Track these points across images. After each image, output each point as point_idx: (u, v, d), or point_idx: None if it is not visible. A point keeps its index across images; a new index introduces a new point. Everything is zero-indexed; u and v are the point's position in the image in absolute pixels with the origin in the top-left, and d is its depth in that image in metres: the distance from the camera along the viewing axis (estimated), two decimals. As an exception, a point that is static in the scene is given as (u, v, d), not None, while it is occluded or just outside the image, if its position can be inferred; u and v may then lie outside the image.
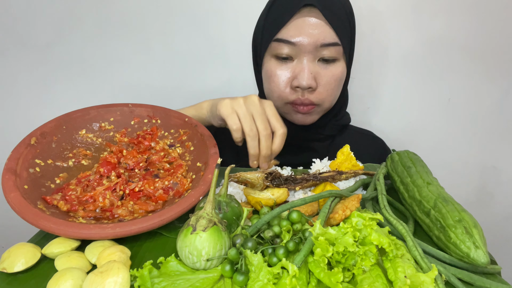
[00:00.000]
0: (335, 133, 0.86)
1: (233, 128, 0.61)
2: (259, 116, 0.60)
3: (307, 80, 0.70)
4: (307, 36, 0.69)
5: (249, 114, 0.60)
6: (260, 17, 0.78)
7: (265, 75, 0.77)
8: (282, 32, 0.70)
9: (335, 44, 0.70)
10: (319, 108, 0.77)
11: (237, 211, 0.48)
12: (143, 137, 0.66)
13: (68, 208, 0.51)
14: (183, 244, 0.41)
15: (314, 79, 0.71)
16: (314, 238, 0.40)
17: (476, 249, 0.42)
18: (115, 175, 0.58)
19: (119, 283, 0.37)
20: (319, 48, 0.70)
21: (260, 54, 0.78)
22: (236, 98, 0.63)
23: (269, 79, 0.75)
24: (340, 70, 0.74)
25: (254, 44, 0.80)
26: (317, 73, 0.72)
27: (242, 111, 0.61)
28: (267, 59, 0.75)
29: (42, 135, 0.58)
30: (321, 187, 0.60)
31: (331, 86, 0.74)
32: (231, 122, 0.61)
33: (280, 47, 0.71)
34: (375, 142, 0.94)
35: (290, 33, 0.70)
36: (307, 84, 0.70)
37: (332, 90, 0.75)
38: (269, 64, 0.75)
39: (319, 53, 0.71)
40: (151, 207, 0.52)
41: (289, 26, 0.70)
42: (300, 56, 0.71)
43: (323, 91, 0.73)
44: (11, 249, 0.44)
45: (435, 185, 0.53)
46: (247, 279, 0.39)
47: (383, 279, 0.39)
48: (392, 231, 0.47)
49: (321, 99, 0.74)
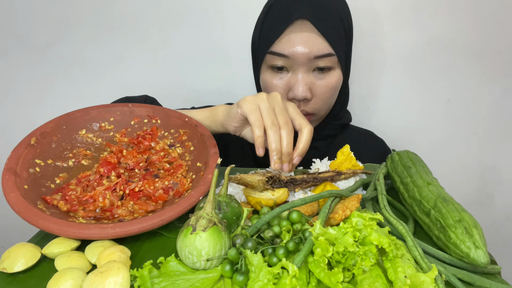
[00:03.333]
0: (336, 132, 0.86)
1: (256, 124, 0.57)
2: (281, 111, 0.58)
3: (302, 92, 0.71)
4: (300, 49, 0.69)
5: (271, 108, 0.57)
6: (256, 26, 0.79)
7: (262, 85, 0.78)
8: (275, 46, 0.71)
9: (329, 55, 0.70)
10: (315, 117, 0.78)
11: (237, 211, 0.48)
12: (143, 137, 0.66)
13: (68, 208, 0.51)
14: (183, 244, 0.41)
15: (309, 91, 0.72)
16: (314, 238, 0.40)
17: (476, 249, 0.42)
18: (115, 175, 0.58)
19: (119, 283, 0.37)
20: (312, 60, 0.70)
21: (257, 64, 0.78)
22: (259, 93, 0.60)
23: (266, 90, 0.76)
24: (336, 78, 0.74)
25: (252, 51, 0.81)
26: (312, 84, 0.72)
27: (265, 105, 0.57)
28: (264, 69, 0.76)
29: (42, 135, 0.58)
30: (321, 187, 0.60)
31: (326, 95, 0.74)
32: (253, 117, 0.57)
33: (275, 60, 0.72)
34: (375, 142, 0.94)
35: (283, 46, 0.70)
36: (302, 96, 0.71)
37: (328, 99, 0.75)
38: (265, 74, 0.76)
39: (313, 64, 0.71)
40: (151, 207, 0.52)
41: (282, 39, 0.70)
42: (294, 68, 0.71)
43: (318, 101, 0.74)
44: (11, 249, 0.44)
45: (435, 185, 0.53)
46: (247, 279, 0.39)
47: (383, 279, 0.39)
48: (392, 231, 0.47)
49: (316, 109, 0.75)
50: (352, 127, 0.93)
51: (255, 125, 0.57)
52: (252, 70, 0.83)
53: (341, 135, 0.88)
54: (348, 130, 0.90)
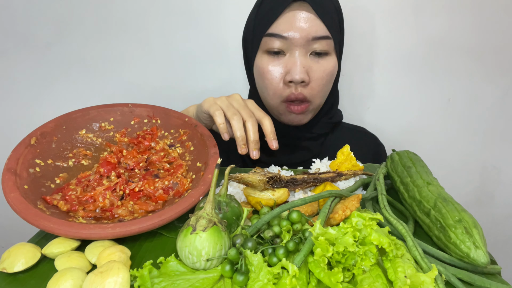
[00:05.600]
0: (327, 131, 0.85)
1: (216, 113, 0.63)
2: (242, 107, 0.64)
3: (300, 73, 0.70)
4: (298, 30, 0.69)
5: (230, 104, 0.64)
6: (250, 15, 0.79)
7: (258, 73, 0.77)
8: (273, 27, 0.71)
9: (326, 37, 0.71)
10: (312, 106, 0.77)
11: (237, 211, 0.48)
12: (143, 137, 0.66)
13: (68, 208, 0.51)
14: (183, 244, 0.41)
15: (306, 73, 0.71)
16: (314, 238, 0.40)
17: (476, 249, 0.42)
18: (115, 175, 0.58)
19: (119, 283, 0.37)
20: (310, 41, 0.70)
21: (251, 51, 0.78)
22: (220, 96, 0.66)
23: (262, 76, 0.75)
24: (332, 64, 0.74)
25: (244, 42, 0.80)
26: (309, 67, 0.72)
27: (224, 102, 0.65)
28: (259, 56, 0.75)
29: (42, 135, 0.58)
30: (321, 187, 0.60)
31: (323, 81, 0.74)
32: (213, 109, 0.64)
33: (272, 42, 0.72)
34: (367, 138, 0.94)
35: (281, 27, 0.70)
36: (300, 78, 0.70)
37: (324, 85, 0.75)
38: (261, 60, 0.75)
39: (310, 47, 0.71)
40: (151, 207, 0.52)
41: (280, 20, 0.70)
42: (292, 50, 0.71)
43: (316, 86, 0.73)
44: (11, 249, 0.44)
45: (435, 185, 0.53)
46: (247, 279, 0.39)
47: (383, 279, 0.39)
48: (392, 231, 0.47)
49: (313, 94, 0.74)
50: (344, 124, 0.92)
51: (215, 115, 0.63)
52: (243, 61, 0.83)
53: (333, 133, 0.87)
54: (340, 127, 0.89)
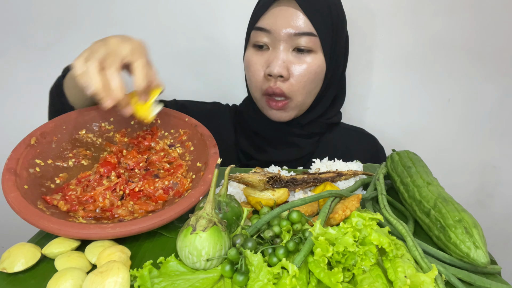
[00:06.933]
0: (323, 131, 0.85)
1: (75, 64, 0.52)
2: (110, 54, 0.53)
3: (278, 67, 0.71)
4: (282, 24, 0.70)
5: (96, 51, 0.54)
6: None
7: (245, 64, 0.79)
8: (260, 21, 0.73)
9: (310, 34, 0.71)
10: (292, 103, 0.76)
11: (237, 211, 0.48)
12: (143, 137, 0.66)
13: (68, 208, 0.51)
14: (183, 244, 0.41)
15: (286, 69, 0.72)
16: (314, 238, 0.40)
17: (476, 249, 0.42)
18: (115, 175, 0.58)
19: (119, 283, 0.37)
20: (293, 37, 0.70)
21: (244, 45, 0.79)
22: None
23: (247, 68, 0.77)
24: (316, 63, 0.73)
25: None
26: (290, 63, 0.72)
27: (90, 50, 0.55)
28: (248, 49, 0.77)
29: (42, 135, 0.58)
30: (321, 187, 0.60)
31: (303, 78, 0.73)
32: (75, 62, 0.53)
33: (258, 36, 0.73)
34: (366, 139, 0.92)
35: (267, 22, 0.72)
36: (277, 72, 0.71)
37: (305, 83, 0.74)
38: (248, 52, 0.77)
39: (294, 42, 0.71)
40: (151, 207, 0.52)
41: (267, 15, 0.72)
42: (275, 45, 0.72)
43: (295, 82, 0.73)
44: (11, 249, 0.44)
45: (435, 185, 0.53)
46: (247, 279, 0.39)
47: (383, 279, 0.39)
48: (392, 231, 0.47)
49: (292, 91, 0.74)
50: (342, 124, 0.91)
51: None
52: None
53: (330, 132, 0.87)
54: (337, 128, 0.89)
